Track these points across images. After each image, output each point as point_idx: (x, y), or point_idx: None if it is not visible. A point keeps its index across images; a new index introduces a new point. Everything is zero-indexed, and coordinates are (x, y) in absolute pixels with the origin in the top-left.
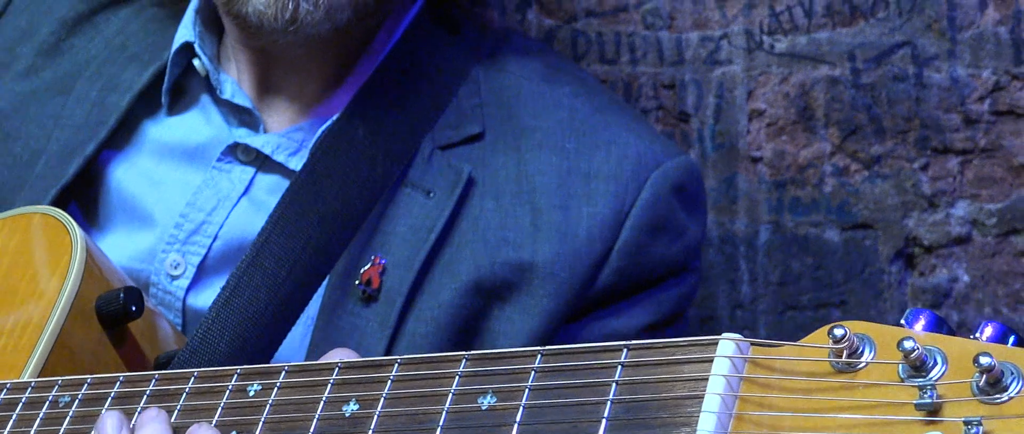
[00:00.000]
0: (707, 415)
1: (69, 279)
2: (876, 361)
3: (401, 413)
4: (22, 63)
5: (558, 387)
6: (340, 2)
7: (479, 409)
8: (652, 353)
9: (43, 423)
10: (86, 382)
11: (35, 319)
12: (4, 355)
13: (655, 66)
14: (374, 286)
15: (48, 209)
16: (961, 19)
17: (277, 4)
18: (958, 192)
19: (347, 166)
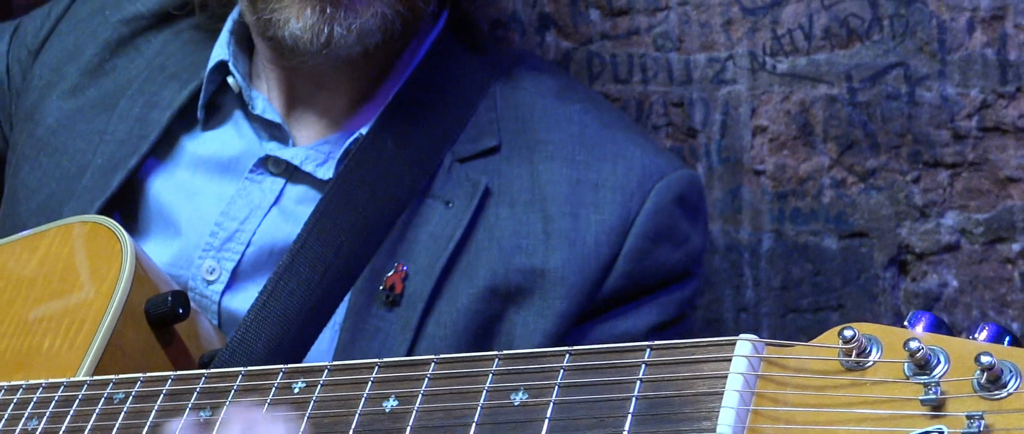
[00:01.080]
0: (727, 410)
1: (120, 283)
2: (883, 360)
3: (438, 408)
4: (68, 82)
5: (586, 384)
6: (370, 26)
7: (512, 405)
8: (674, 352)
9: (99, 418)
10: (139, 380)
11: (89, 321)
12: (60, 355)
13: (665, 85)
14: (397, 291)
15: (99, 218)
16: (951, 41)
17: (313, 29)
18: (948, 203)
19: (376, 177)
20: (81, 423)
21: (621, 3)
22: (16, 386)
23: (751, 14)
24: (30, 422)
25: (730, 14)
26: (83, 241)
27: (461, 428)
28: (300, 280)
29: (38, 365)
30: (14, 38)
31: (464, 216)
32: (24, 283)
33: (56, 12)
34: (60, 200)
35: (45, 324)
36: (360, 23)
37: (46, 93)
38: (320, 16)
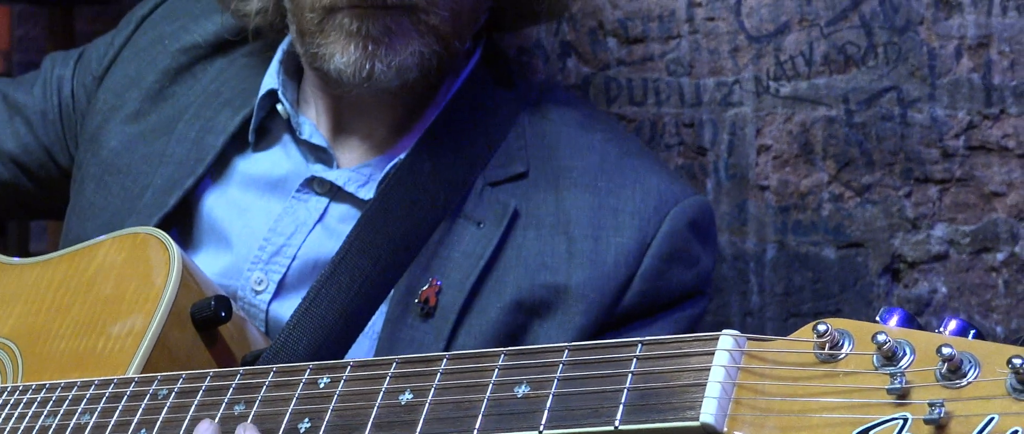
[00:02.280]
0: (710, 400)
1: (167, 289)
2: (854, 352)
3: (449, 400)
4: (130, 107)
5: (582, 377)
6: (408, 63)
7: (515, 397)
8: (662, 348)
9: (144, 413)
10: (181, 377)
11: (139, 323)
12: (112, 355)
13: (677, 107)
14: (431, 304)
15: (150, 229)
16: (940, 67)
17: (355, 64)
18: (937, 216)
19: (412, 199)
20: (128, 417)
21: (636, 32)
22: (72, 383)
23: (756, 42)
24: (83, 417)
25: (737, 42)
26: (135, 251)
27: (469, 418)
28: (340, 289)
29: (92, 364)
30: (78, 65)
31: (494, 236)
32: (81, 289)
33: (119, 41)
34: (123, 217)
35: (99, 327)
36: (399, 60)
37: (110, 117)
38: (362, 53)
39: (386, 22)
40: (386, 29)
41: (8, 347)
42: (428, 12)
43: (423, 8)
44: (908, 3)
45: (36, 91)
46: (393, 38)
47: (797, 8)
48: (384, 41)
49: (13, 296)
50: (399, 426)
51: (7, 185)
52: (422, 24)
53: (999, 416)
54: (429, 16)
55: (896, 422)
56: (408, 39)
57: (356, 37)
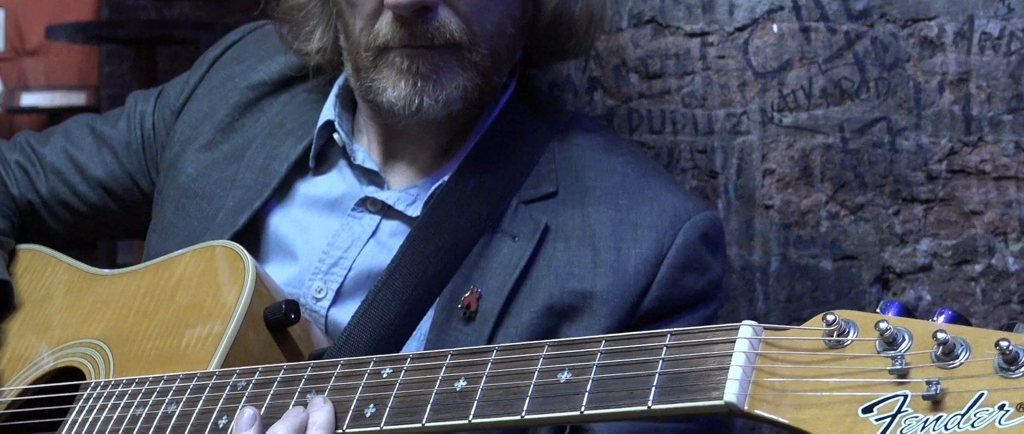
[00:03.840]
0: (732, 382)
1: (243, 294)
2: (858, 339)
3: (499, 387)
4: (204, 138)
5: (618, 364)
6: (454, 96)
7: (558, 382)
8: (689, 337)
9: (225, 402)
10: (258, 371)
11: (218, 325)
12: (194, 353)
13: (691, 136)
14: (472, 309)
15: (227, 242)
16: (925, 100)
17: (405, 98)
18: (922, 232)
19: (455, 215)
20: (210, 406)
21: (655, 69)
22: (159, 378)
23: (762, 77)
24: (170, 406)
25: (744, 78)
26: (213, 262)
27: (517, 402)
28: (394, 294)
29: (177, 361)
30: (158, 101)
31: (527, 248)
32: (166, 296)
33: (194, 79)
34: (199, 235)
35: (183, 328)
36: (446, 94)
37: (186, 147)
38: (412, 88)
39: (434, 60)
40: (434, 66)
41: (100, 347)
42: (471, 50)
43: (467, 47)
44: (896, 43)
45: (121, 124)
46: (440, 74)
47: (798, 47)
48: (432, 78)
49: (104, 303)
50: (455, 409)
51: (96, 207)
52: (466, 61)
53: (988, 391)
54: (472, 54)
55: (898, 398)
56: (454, 75)
57: (406, 74)
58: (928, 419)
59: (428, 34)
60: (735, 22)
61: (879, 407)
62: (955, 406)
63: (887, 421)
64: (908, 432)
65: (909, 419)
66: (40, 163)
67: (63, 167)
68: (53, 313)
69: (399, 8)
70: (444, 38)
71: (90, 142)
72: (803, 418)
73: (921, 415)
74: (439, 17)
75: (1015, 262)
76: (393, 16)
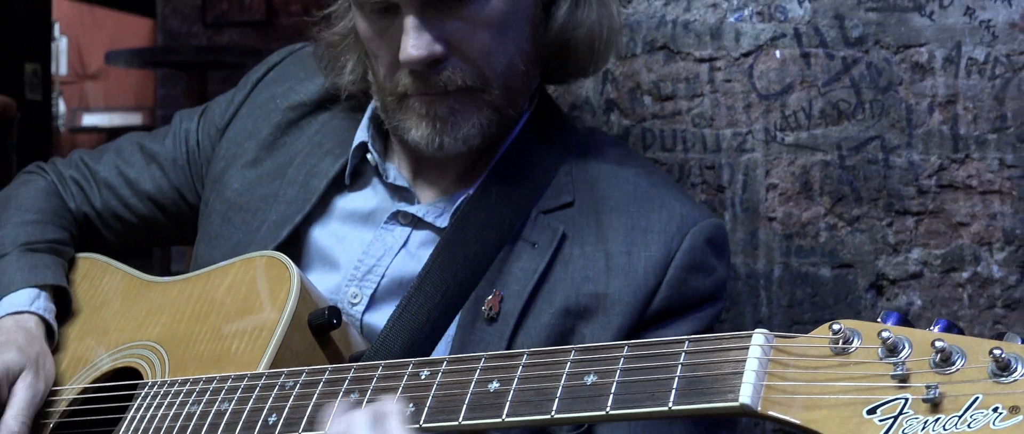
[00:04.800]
0: (746, 385)
1: (289, 301)
2: (862, 346)
3: (530, 388)
4: (248, 155)
5: (640, 368)
6: (472, 133)
7: (585, 384)
8: (706, 343)
9: (274, 400)
10: (304, 372)
11: (265, 329)
12: (243, 355)
13: (701, 153)
14: (495, 311)
15: (272, 253)
16: (916, 120)
17: (427, 138)
18: (914, 242)
19: (480, 226)
20: (260, 405)
21: (667, 91)
22: (212, 378)
23: (765, 99)
24: (223, 404)
25: (750, 100)
26: (260, 270)
27: (547, 402)
28: (425, 299)
29: (228, 363)
30: (202, 119)
31: (546, 255)
32: (216, 302)
33: (238, 99)
34: (244, 246)
35: (233, 332)
36: (464, 133)
37: (231, 163)
38: (432, 130)
39: (450, 104)
40: (450, 110)
41: (156, 349)
42: (484, 91)
43: (480, 89)
44: (890, 68)
45: (167, 142)
46: (457, 116)
47: (799, 72)
48: (450, 120)
49: (159, 308)
50: (489, 409)
51: (146, 219)
52: (480, 101)
53: (983, 395)
54: (486, 94)
55: (899, 401)
56: (469, 115)
57: (426, 118)
58: (928, 420)
59: (441, 83)
60: (741, 48)
61: (882, 409)
62: (953, 408)
63: (890, 422)
64: (909, 432)
65: (910, 420)
66: (94, 179)
67: (115, 182)
68: (110, 318)
69: (410, 65)
70: (456, 85)
71: (140, 159)
72: (813, 418)
73: (921, 416)
74: (450, 67)
75: (999, 270)
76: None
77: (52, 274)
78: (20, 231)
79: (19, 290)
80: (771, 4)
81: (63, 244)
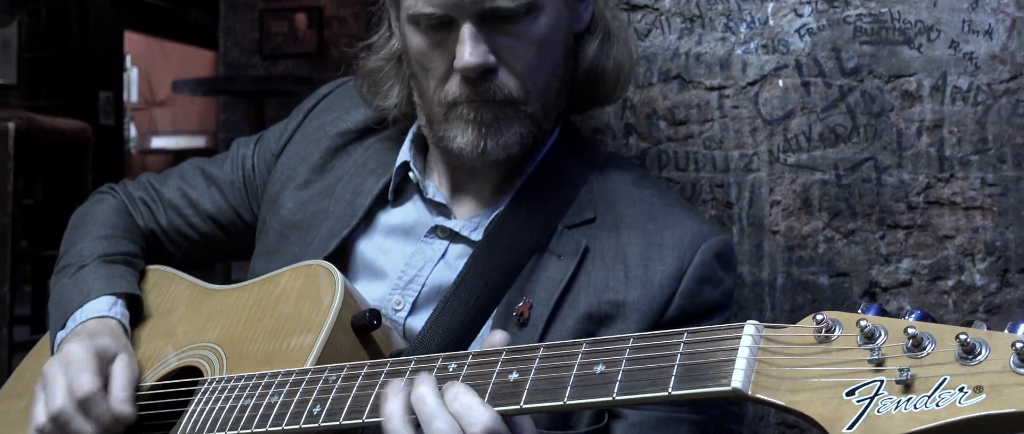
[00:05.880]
0: (738, 371)
1: (334, 304)
2: (843, 334)
3: (545, 378)
4: (301, 177)
5: (644, 358)
6: (512, 141)
7: (594, 373)
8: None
9: (318, 393)
10: (345, 367)
11: (313, 330)
12: (293, 354)
13: (711, 173)
14: (525, 317)
15: (321, 262)
16: (905, 142)
17: (472, 144)
18: (904, 253)
19: (510, 240)
20: (306, 397)
21: (681, 117)
22: (264, 374)
23: (769, 124)
24: (273, 397)
25: (755, 124)
26: (309, 278)
27: (561, 390)
28: (460, 303)
29: (279, 360)
30: (257, 145)
31: (570, 266)
32: (270, 306)
33: (291, 127)
34: (298, 259)
35: (284, 333)
36: (504, 140)
37: (286, 185)
38: (478, 134)
39: (495, 112)
40: (495, 117)
41: (215, 349)
42: (526, 104)
43: (522, 101)
44: (882, 95)
45: (226, 167)
46: (501, 124)
47: (800, 99)
48: (494, 126)
49: (218, 313)
50: (509, 397)
51: (206, 236)
52: (521, 113)
53: (950, 376)
54: (526, 107)
55: (875, 383)
56: (511, 124)
57: (473, 124)
58: (900, 400)
59: (490, 91)
60: (747, 78)
61: (860, 391)
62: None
63: (867, 402)
64: (883, 411)
65: (885, 400)
66: (160, 199)
67: (179, 202)
68: (176, 321)
69: (467, 71)
70: (504, 95)
71: (201, 181)
72: (797, 400)
73: (895, 397)
74: (499, 77)
75: (981, 278)
76: (461, 77)
77: (127, 283)
78: (97, 245)
79: (98, 297)
80: (775, 38)
81: (135, 257)
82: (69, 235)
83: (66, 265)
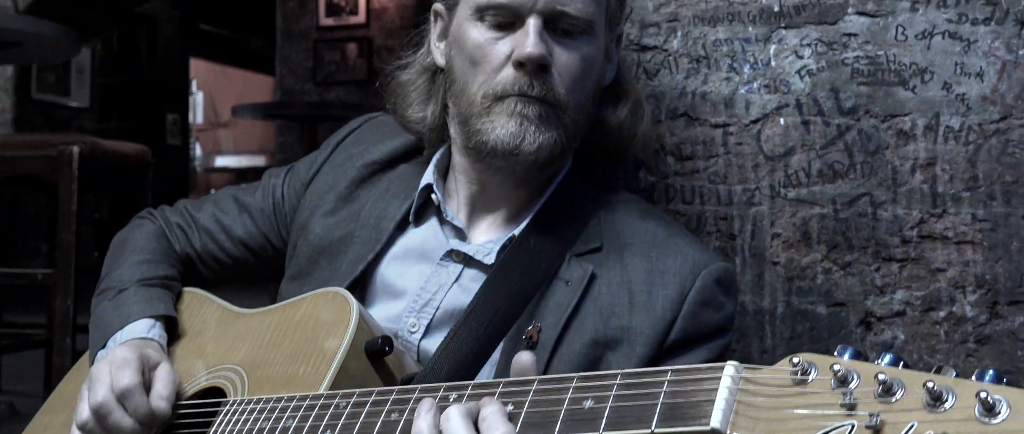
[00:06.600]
0: (718, 411)
1: (348, 331)
2: (817, 378)
3: (538, 411)
4: (329, 205)
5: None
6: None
7: (583, 408)
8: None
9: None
10: (355, 393)
11: (327, 356)
12: (309, 378)
13: (715, 206)
14: (533, 340)
15: (338, 289)
16: (900, 179)
17: (511, 135)
18: (897, 285)
19: (522, 266)
20: (318, 422)
21: (687, 152)
22: (280, 397)
23: (771, 160)
24: (288, 421)
25: (758, 160)
26: (327, 304)
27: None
28: (470, 331)
29: (296, 384)
30: (288, 175)
31: (578, 292)
32: (290, 331)
33: (321, 158)
34: (326, 282)
35: (301, 357)
36: (540, 140)
37: (314, 213)
38: (519, 127)
39: (541, 110)
40: (539, 115)
41: (239, 371)
42: (565, 111)
43: (563, 108)
44: (878, 134)
45: (257, 195)
46: (541, 122)
47: (800, 137)
48: (536, 122)
49: (244, 336)
50: None
51: (238, 260)
52: (560, 120)
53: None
54: (565, 116)
55: (846, 426)
56: (551, 127)
57: (516, 116)
58: None
59: (542, 87)
60: (750, 116)
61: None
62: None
63: None
64: None
65: None
66: (195, 225)
67: (212, 228)
68: (206, 342)
69: (530, 60)
70: (552, 95)
71: (234, 209)
72: None
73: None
74: (552, 77)
75: (971, 309)
76: (515, 70)
77: (164, 306)
78: (136, 269)
79: (138, 320)
80: (776, 78)
81: (172, 279)
82: (110, 259)
83: (107, 288)
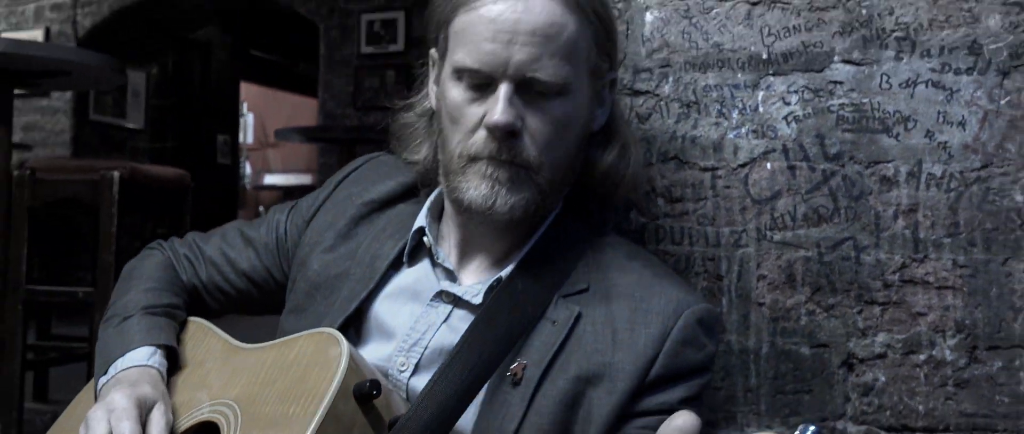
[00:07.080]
0: None
1: (337, 374)
2: None
3: None
4: (327, 242)
5: None
6: (518, 205)
7: None
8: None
9: None
10: None
11: (316, 397)
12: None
13: (703, 247)
14: (519, 377)
15: (330, 330)
16: (883, 224)
17: (483, 197)
18: (879, 328)
19: (509, 307)
20: None
21: (677, 194)
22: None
23: (757, 203)
24: None
25: (745, 203)
26: (319, 345)
27: None
28: (455, 373)
29: (284, 424)
30: (291, 212)
31: (563, 331)
32: (283, 369)
33: (322, 196)
34: (321, 318)
35: (292, 397)
36: (513, 201)
37: (313, 249)
38: (490, 190)
39: (510, 173)
40: (509, 178)
41: (233, 407)
42: (538, 173)
43: (535, 170)
44: (862, 179)
45: (262, 230)
46: (513, 185)
47: (786, 181)
48: (507, 186)
49: (241, 371)
50: None
51: (242, 292)
52: (532, 181)
53: None
54: (538, 176)
55: None
56: (522, 188)
57: (487, 179)
58: None
59: (511, 152)
60: (738, 160)
61: None
62: None
63: None
64: None
65: None
66: (202, 257)
67: (218, 260)
68: (206, 375)
69: (496, 127)
70: (522, 158)
71: (239, 242)
72: None
73: None
74: (522, 141)
75: (951, 353)
76: (487, 134)
77: (165, 335)
78: (142, 297)
79: (139, 347)
80: (764, 124)
81: (177, 308)
82: (119, 287)
83: (113, 315)
